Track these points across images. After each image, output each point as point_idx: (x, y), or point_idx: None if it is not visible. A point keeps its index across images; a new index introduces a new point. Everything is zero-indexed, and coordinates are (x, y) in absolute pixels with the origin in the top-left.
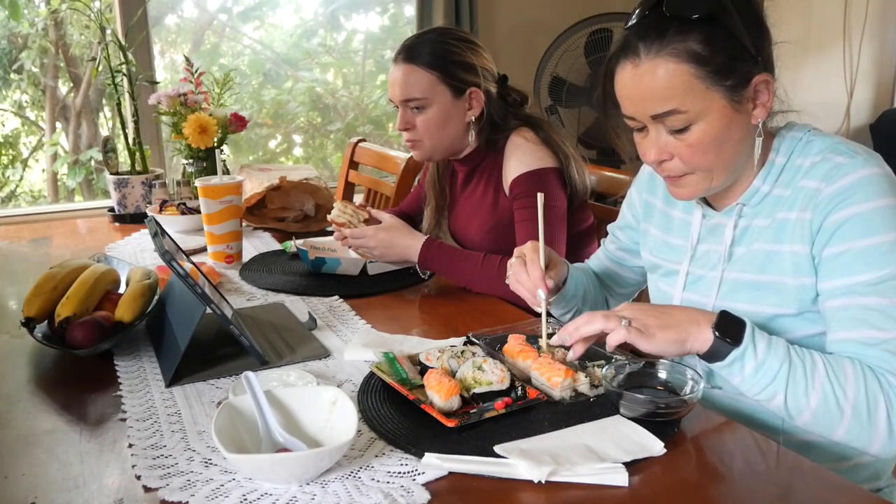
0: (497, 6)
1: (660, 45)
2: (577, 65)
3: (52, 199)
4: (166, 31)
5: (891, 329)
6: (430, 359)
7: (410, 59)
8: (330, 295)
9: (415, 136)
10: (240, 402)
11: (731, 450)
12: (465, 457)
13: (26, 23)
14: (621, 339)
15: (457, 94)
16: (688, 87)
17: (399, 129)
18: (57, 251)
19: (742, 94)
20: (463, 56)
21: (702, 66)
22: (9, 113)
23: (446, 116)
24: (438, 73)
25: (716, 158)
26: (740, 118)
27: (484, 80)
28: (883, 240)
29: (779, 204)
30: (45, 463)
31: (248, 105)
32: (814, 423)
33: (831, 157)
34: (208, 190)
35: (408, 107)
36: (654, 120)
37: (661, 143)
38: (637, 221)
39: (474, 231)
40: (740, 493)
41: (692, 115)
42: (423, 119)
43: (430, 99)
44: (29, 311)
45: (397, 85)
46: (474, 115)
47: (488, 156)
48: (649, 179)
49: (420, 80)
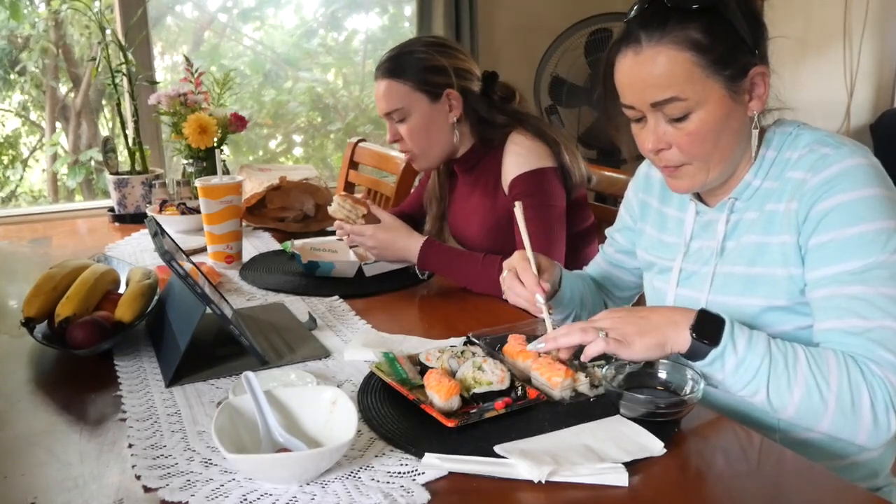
0: (497, 6)
1: (661, 34)
2: (577, 65)
3: (53, 199)
4: (166, 32)
5: (875, 318)
6: (430, 359)
7: (386, 73)
8: (330, 295)
9: (405, 148)
10: (240, 402)
11: (732, 450)
12: (465, 457)
13: (27, 24)
14: (599, 351)
15: (433, 98)
16: (688, 74)
17: (389, 143)
18: (57, 251)
19: (740, 84)
20: (432, 61)
21: (702, 55)
22: (9, 113)
23: (428, 122)
24: (412, 82)
25: (713, 148)
26: (738, 109)
27: (458, 79)
28: (868, 228)
29: (767, 196)
30: (44, 463)
31: (248, 105)
32: (798, 416)
33: (817, 149)
34: (208, 190)
35: (392, 119)
36: (653, 108)
37: (659, 132)
38: (634, 222)
39: (474, 231)
40: (740, 493)
41: (691, 103)
42: (407, 128)
43: (407, 108)
44: (29, 311)
45: (380, 100)
46: (456, 116)
47: (486, 154)
48: (645, 179)
49: (396, 91)
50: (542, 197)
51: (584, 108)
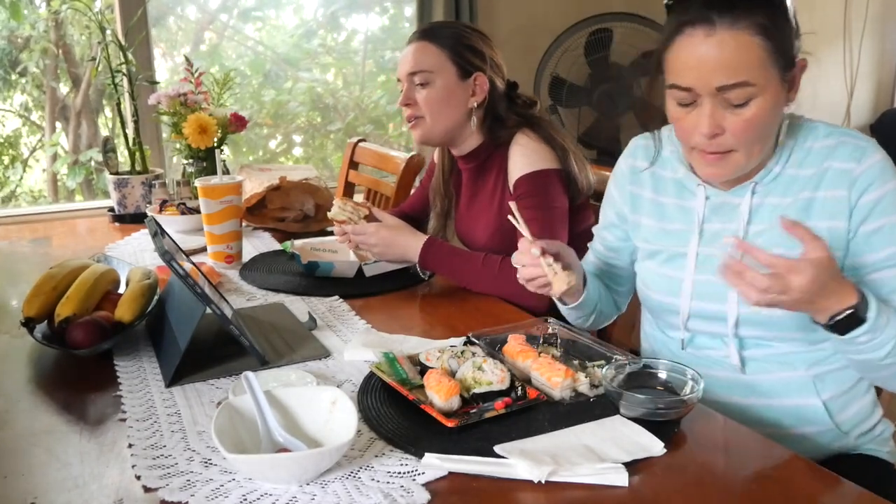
0: (497, 6)
1: (733, 17)
2: (577, 65)
3: (53, 199)
4: (167, 32)
5: None
6: (430, 359)
7: (425, 36)
8: (330, 295)
9: (416, 112)
10: (240, 402)
11: (731, 450)
12: (465, 457)
13: (28, 24)
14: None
15: (463, 75)
16: (760, 61)
17: (400, 104)
18: (57, 251)
19: (789, 74)
20: (475, 42)
21: (770, 42)
22: (9, 113)
23: (449, 95)
24: (448, 52)
25: (760, 136)
26: (783, 98)
27: (491, 70)
28: None
29: (796, 183)
30: (44, 463)
31: (248, 105)
32: None
33: (847, 140)
34: (208, 190)
35: (413, 81)
36: (717, 92)
37: (717, 117)
38: (624, 216)
39: (480, 232)
40: (740, 493)
41: (757, 89)
42: (426, 94)
43: (435, 73)
44: (29, 311)
45: (408, 58)
46: (476, 102)
47: (494, 153)
48: (631, 172)
49: (430, 54)
50: (545, 198)
51: (584, 108)
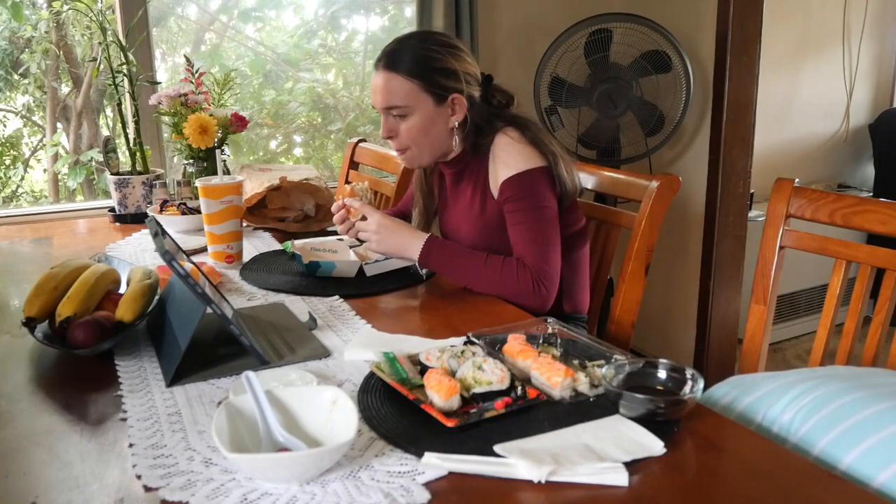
0: (497, 6)
1: None
2: (577, 65)
3: (54, 199)
4: (167, 32)
5: None
6: (430, 359)
7: (391, 66)
8: (330, 295)
9: (400, 144)
10: (240, 402)
11: (731, 450)
12: (465, 456)
13: (29, 25)
14: None
15: (439, 101)
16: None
17: (383, 137)
18: (58, 251)
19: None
20: (444, 62)
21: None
22: (11, 114)
23: (429, 124)
24: (420, 82)
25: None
26: None
27: (466, 85)
28: None
29: None
30: (45, 463)
31: (248, 105)
32: None
33: None
34: (208, 190)
35: (390, 114)
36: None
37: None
38: None
39: (464, 234)
40: (740, 493)
41: None
42: (407, 127)
43: (411, 107)
44: (30, 311)
45: (378, 92)
46: (457, 121)
47: (474, 159)
48: None
49: (401, 89)
50: (534, 199)
51: (584, 108)
